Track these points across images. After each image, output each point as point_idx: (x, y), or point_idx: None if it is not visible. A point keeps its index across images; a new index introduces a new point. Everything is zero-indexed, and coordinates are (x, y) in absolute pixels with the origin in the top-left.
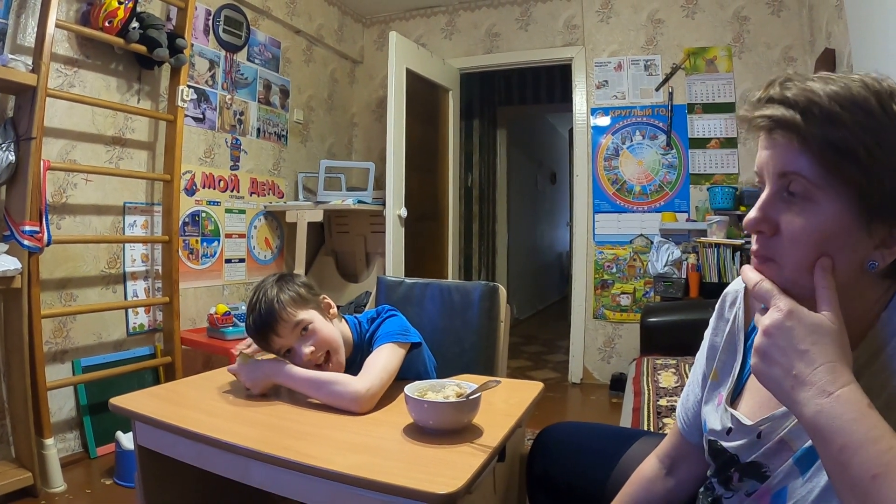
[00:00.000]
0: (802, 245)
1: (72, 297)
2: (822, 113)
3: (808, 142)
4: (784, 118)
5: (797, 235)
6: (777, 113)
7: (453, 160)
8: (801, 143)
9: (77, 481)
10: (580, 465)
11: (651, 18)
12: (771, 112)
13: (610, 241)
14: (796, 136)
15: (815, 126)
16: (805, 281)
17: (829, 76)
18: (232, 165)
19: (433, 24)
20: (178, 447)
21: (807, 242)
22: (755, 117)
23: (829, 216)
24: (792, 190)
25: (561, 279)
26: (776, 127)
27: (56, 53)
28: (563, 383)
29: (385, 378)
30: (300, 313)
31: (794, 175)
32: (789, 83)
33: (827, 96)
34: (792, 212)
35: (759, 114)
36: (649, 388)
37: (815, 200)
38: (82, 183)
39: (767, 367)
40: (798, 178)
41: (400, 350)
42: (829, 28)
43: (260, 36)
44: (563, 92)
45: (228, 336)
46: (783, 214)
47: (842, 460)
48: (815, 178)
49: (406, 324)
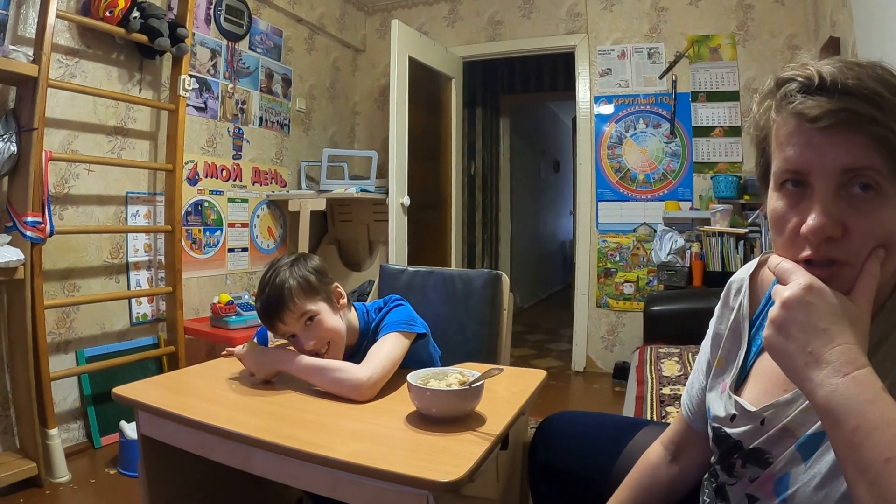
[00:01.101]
0: (874, 242)
1: (75, 287)
2: (889, 105)
3: (883, 135)
4: (863, 113)
5: (873, 232)
6: (852, 106)
7: (456, 148)
8: (873, 136)
9: (81, 471)
10: (584, 454)
11: (654, 6)
12: (847, 104)
13: (613, 230)
14: (869, 129)
15: (891, 118)
16: (881, 279)
17: (854, 63)
18: (234, 155)
19: (435, 12)
20: (180, 436)
21: (879, 239)
22: (826, 112)
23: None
24: (865, 184)
25: (564, 268)
26: (851, 121)
27: (57, 44)
28: (566, 372)
29: (388, 367)
30: (307, 304)
31: (865, 170)
32: (847, 70)
33: (883, 87)
34: (861, 209)
35: (832, 107)
36: (652, 377)
37: (887, 195)
38: (84, 173)
39: (783, 341)
40: (869, 173)
41: (404, 340)
42: (834, 16)
43: (261, 25)
44: (566, 80)
45: (231, 325)
46: (849, 212)
47: (854, 442)
48: (889, 172)
49: (412, 313)
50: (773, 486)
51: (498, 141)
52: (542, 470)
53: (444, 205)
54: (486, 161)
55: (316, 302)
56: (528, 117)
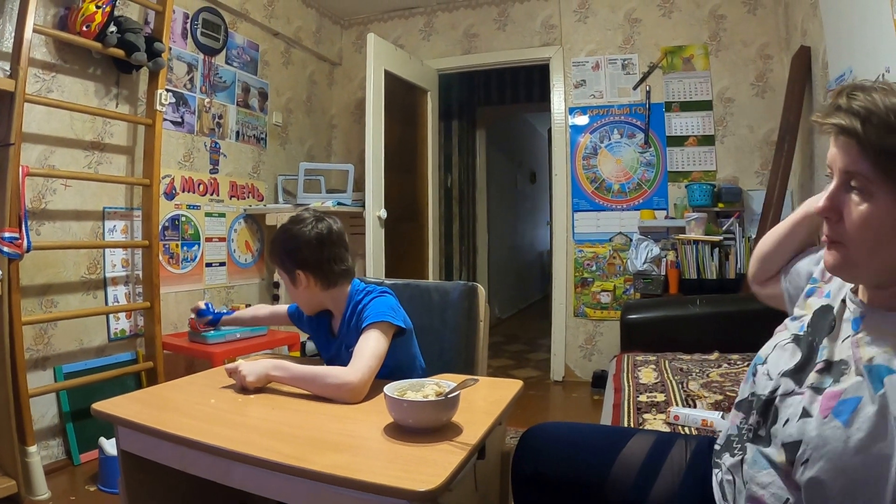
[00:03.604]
0: (861, 231)
1: (52, 303)
2: (879, 122)
3: (867, 147)
4: (848, 126)
5: (856, 223)
6: (843, 121)
7: (432, 161)
8: (861, 148)
9: (61, 489)
10: (577, 460)
11: (628, 18)
12: (837, 120)
13: (589, 240)
14: (857, 141)
15: (873, 134)
16: (865, 261)
17: (893, 87)
18: (211, 169)
19: (411, 26)
20: (160, 451)
21: (865, 229)
22: (824, 124)
23: (883, 209)
24: (854, 185)
25: (542, 278)
26: (841, 133)
27: (34, 58)
28: (545, 381)
29: (374, 365)
30: (276, 267)
31: (855, 174)
32: (856, 93)
33: (885, 107)
34: (853, 203)
35: (828, 121)
36: (629, 385)
37: (872, 195)
38: (61, 188)
39: None
40: (858, 176)
41: (385, 333)
42: (805, 25)
43: (238, 39)
44: (541, 91)
45: (210, 340)
46: (846, 204)
47: None
48: (873, 177)
49: (396, 304)
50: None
51: (474, 153)
52: (529, 479)
53: (421, 217)
54: (463, 173)
55: (280, 271)
56: (505, 129)
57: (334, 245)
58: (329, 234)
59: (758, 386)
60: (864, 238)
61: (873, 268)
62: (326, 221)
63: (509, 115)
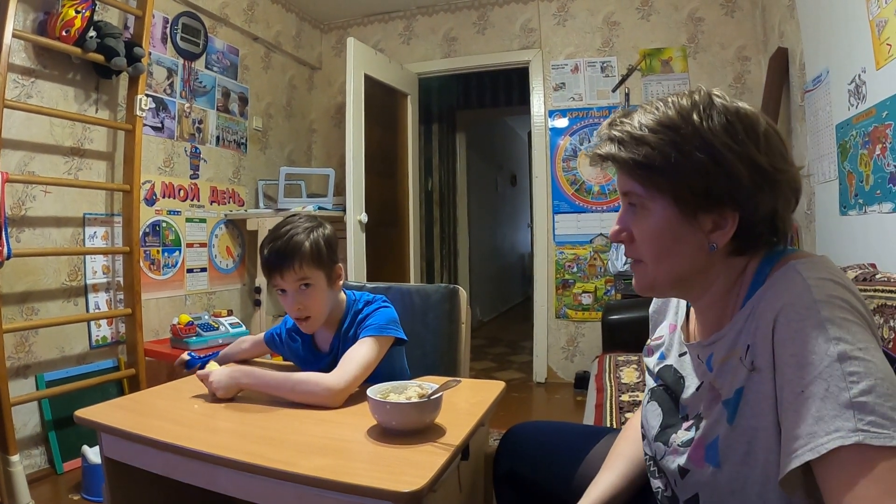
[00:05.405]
0: (649, 244)
1: (33, 310)
2: (632, 139)
3: (629, 167)
4: (608, 153)
5: (642, 238)
6: (603, 150)
7: (413, 165)
8: (626, 168)
9: (44, 498)
10: (547, 462)
11: (607, 21)
12: (599, 150)
13: (570, 242)
14: (620, 164)
15: (626, 152)
16: (663, 274)
17: (659, 103)
18: (192, 174)
19: (391, 30)
20: (144, 457)
21: (651, 241)
22: (593, 155)
23: (659, 219)
24: (632, 203)
25: (523, 280)
26: (604, 160)
27: (13, 64)
28: (527, 383)
29: (359, 373)
30: (310, 271)
31: (629, 193)
32: (620, 120)
33: (639, 124)
34: (637, 220)
35: (594, 153)
36: (611, 385)
37: (648, 209)
38: (41, 195)
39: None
40: (632, 195)
41: (380, 345)
42: (782, 27)
43: (218, 43)
44: (521, 94)
45: (192, 346)
46: (633, 223)
47: None
48: (642, 192)
49: (396, 318)
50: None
51: (455, 156)
52: (506, 479)
53: (402, 221)
54: (443, 176)
55: (318, 273)
56: (485, 132)
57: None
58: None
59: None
60: (652, 249)
61: (665, 278)
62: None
63: (489, 118)
